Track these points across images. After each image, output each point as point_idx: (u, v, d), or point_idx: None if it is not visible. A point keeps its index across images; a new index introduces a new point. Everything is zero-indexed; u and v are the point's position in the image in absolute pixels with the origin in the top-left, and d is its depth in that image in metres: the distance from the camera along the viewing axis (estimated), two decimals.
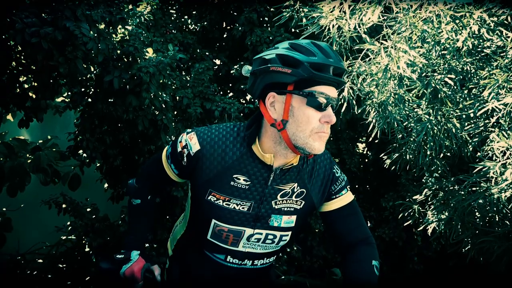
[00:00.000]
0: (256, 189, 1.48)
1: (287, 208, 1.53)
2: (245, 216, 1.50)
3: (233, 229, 1.52)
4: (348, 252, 1.58)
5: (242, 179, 1.48)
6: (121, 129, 3.18)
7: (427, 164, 2.68)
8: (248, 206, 1.49)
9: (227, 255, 1.60)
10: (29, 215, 4.82)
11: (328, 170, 1.56)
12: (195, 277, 1.75)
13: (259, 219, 1.51)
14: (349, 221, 1.60)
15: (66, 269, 4.31)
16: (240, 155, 1.47)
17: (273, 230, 1.54)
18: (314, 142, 1.37)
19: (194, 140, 1.49)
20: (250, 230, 1.53)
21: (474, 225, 2.32)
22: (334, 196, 1.57)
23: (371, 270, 1.51)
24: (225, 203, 1.49)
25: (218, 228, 1.53)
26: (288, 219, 1.54)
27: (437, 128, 2.47)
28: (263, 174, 1.47)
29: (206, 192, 1.50)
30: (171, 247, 1.91)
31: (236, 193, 1.48)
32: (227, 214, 1.50)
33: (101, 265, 1.84)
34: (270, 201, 1.50)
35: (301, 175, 1.52)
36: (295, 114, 1.36)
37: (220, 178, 1.48)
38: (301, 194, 1.53)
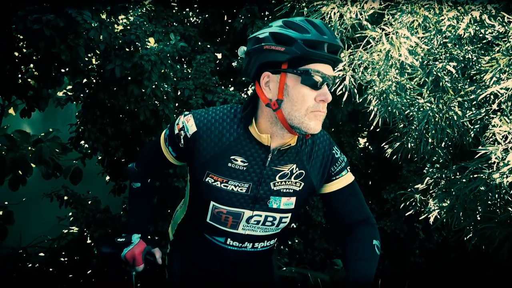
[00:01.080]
0: (254, 170, 1.49)
1: (286, 190, 1.53)
2: (243, 197, 1.51)
3: (232, 211, 1.53)
4: (349, 232, 1.59)
5: (239, 160, 1.48)
6: (122, 120, 3.18)
7: (429, 153, 2.67)
8: (246, 188, 1.49)
9: (227, 237, 1.60)
10: (31, 209, 4.82)
11: (327, 151, 1.56)
12: (196, 261, 1.76)
13: (257, 201, 1.51)
14: (350, 202, 1.60)
15: (68, 263, 4.32)
16: (237, 136, 1.47)
17: (272, 212, 1.54)
18: (310, 121, 1.36)
19: (191, 122, 1.49)
20: (249, 212, 1.53)
21: (476, 212, 2.32)
22: (334, 177, 1.57)
23: (372, 249, 1.52)
24: (223, 185, 1.49)
25: (217, 210, 1.54)
26: (287, 201, 1.54)
27: (439, 116, 2.47)
28: (260, 155, 1.47)
29: (204, 174, 1.50)
30: (172, 231, 1.91)
31: (234, 174, 1.48)
32: (225, 196, 1.50)
33: (102, 249, 1.84)
34: (269, 182, 1.50)
35: (300, 156, 1.52)
36: (290, 93, 1.35)
37: (217, 160, 1.48)
38: (300, 175, 1.53)
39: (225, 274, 1.73)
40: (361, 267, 1.45)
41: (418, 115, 2.51)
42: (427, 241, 3.78)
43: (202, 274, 1.76)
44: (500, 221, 2.11)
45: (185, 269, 1.82)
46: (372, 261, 1.49)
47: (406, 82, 2.54)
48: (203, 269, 1.75)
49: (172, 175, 3.17)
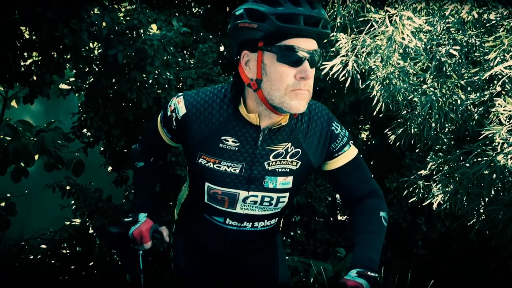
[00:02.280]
0: (246, 150, 1.47)
1: (282, 169, 1.50)
2: (237, 178, 1.49)
3: (227, 191, 1.51)
4: (356, 206, 1.57)
5: (230, 140, 1.46)
6: (125, 108, 3.18)
7: (432, 139, 2.67)
8: (240, 168, 1.47)
9: (226, 217, 1.59)
10: (33, 201, 4.83)
11: (325, 127, 1.52)
12: (198, 240, 1.75)
13: (252, 181, 1.49)
14: (355, 176, 1.57)
15: (70, 255, 4.32)
16: (227, 117, 1.45)
17: (268, 192, 1.52)
18: (291, 100, 1.31)
19: (181, 104, 1.48)
20: (244, 193, 1.51)
21: (479, 196, 2.31)
22: (336, 154, 1.53)
23: (379, 221, 1.50)
24: (215, 166, 1.48)
25: (212, 191, 1.52)
26: (284, 180, 1.51)
27: (442, 100, 2.46)
28: (252, 135, 1.45)
29: (197, 155, 1.49)
30: (176, 211, 1.91)
31: (226, 155, 1.47)
32: (218, 177, 1.49)
33: (110, 229, 1.85)
34: (262, 162, 1.48)
35: (295, 134, 1.49)
36: (268, 72, 1.30)
37: (208, 141, 1.47)
38: (296, 154, 1.50)
39: (227, 253, 1.72)
40: (369, 239, 1.44)
41: (421, 100, 2.50)
42: (430, 231, 3.76)
43: (204, 253, 1.75)
44: (504, 203, 2.09)
45: (188, 248, 1.82)
46: (379, 233, 1.48)
47: (409, 67, 2.54)
48: (205, 248, 1.74)
49: (175, 164, 3.16)
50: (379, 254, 1.44)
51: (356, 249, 1.43)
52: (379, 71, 2.59)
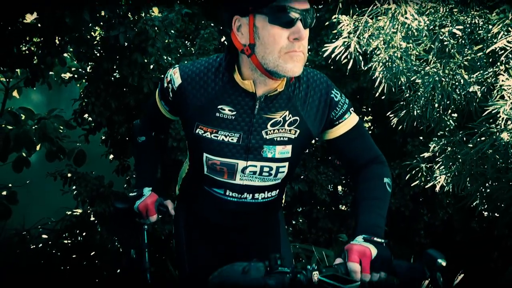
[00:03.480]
0: (243, 119, 1.45)
1: (280, 138, 1.48)
2: (235, 148, 1.47)
3: (225, 161, 1.50)
4: (359, 173, 1.55)
5: (227, 109, 1.45)
6: (126, 93, 3.18)
7: (436, 121, 2.65)
8: (237, 138, 1.46)
9: (226, 189, 1.58)
10: (34, 192, 4.83)
11: (324, 95, 1.49)
12: (199, 214, 1.74)
13: (250, 151, 1.48)
14: (357, 144, 1.55)
15: (71, 245, 4.31)
16: (222, 85, 1.44)
17: (267, 161, 1.50)
18: (286, 63, 1.29)
19: (177, 75, 1.48)
20: (243, 163, 1.50)
21: (483, 175, 2.29)
22: (337, 122, 1.51)
23: (383, 187, 1.48)
24: (213, 135, 1.47)
25: (211, 162, 1.51)
26: (282, 149, 1.50)
27: (445, 80, 2.45)
28: (248, 103, 1.44)
29: (194, 125, 1.48)
30: (177, 187, 1.91)
31: (223, 124, 1.45)
32: (216, 147, 1.47)
33: (116, 205, 1.86)
34: (260, 131, 1.46)
35: (293, 102, 1.47)
36: (261, 36, 1.28)
37: (205, 110, 1.46)
38: (295, 122, 1.48)
39: (228, 226, 1.71)
40: (373, 205, 1.42)
41: (424, 81, 2.49)
42: (433, 219, 3.74)
43: (205, 227, 1.75)
44: (508, 181, 2.08)
45: (189, 223, 1.81)
46: (384, 199, 1.46)
47: (412, 48, 2.53)
48: (206, 221, 1.74)
49: (176, 149, 3.15)
50: (384, 220, 1.42)
51: (360, 217, 1.41)
52: (381, 53, 2.58)
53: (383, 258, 1.23)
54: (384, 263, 1.23)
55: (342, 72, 3.36)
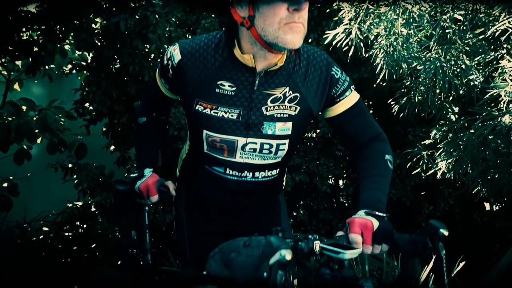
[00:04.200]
0: (243, 95, 1.44)
1: (280, 115, 1.47)
2: (235, 124, 1.46)
3: (225, 138, 1.49)
4: (360, 151, 1.54)
5: (227, 85, 1.44)
6: (127, 82, 3.18)
7: (437, 107, 2.65)
8: (237, 114, 1.45)
9: (226, 167, 1.57)
10: (36, 185, 4.83)
11: (324, 72, 1.49)
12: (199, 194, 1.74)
13: (250, 127, 1.47)
14: (358, 122, 1.55)
15: (72, 237, 4.31)
16: (222, 61, 1.43)
17: (267, 138, 1.49)
18: (286, 35, 1.28)
19: (177, 51, 1.47)
20: (243, 139, 1.49)
21: (484, 161, 2.29)
22: (338, 99, 1.50)
23: (384, 164, 1.48)
24: (213, 112, 1.46)
25: (211, 139, 1.51)
26: (283, 126, 1.49)
27: (446, 66, 2.45)
28: (248, 79, 1.43)
29: (194, 102, 1.48)
30: (178, 168, 1.90)
31: (223, 100, 1.45)
32: (216, 123, 1.47)
33: (117, 186, 1.85)
34: (260, 107, 1.45)
35: (293, 78, 1.46)
36: (260, 7, 1.27)
37: (205, 86, 1.45)
38: (295, 99, 1.47)
39: (228, 206, 1.70)
40: (375, 182, 1.42)
41: (425, 67, 2.48)
42: (434, 210, 3.73)
43: (206, 208, 1.74)
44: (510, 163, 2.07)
45: (189, 204, 1.81)
46: (385, 176, 1.46)
47: (414, 34, 2.52)
48: (206, 202, 1.73)
49: (177, 138, 3.15)
50: (386, 196, 1.42)
51: (362, 193, 1.40)
52: (382, 39, 2.58)
53: (384, 231, 1.23)
54: (386, 235, 1.23)
55: (342, 62, 3.36)
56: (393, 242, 1.23)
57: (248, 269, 0.86)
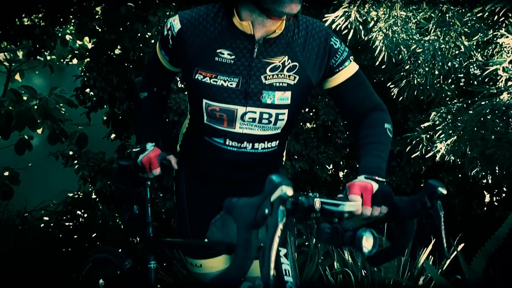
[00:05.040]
0: (242, 63, 1.46)
1: (279, 84, 1.49)
2: (234, 93, 1.48)
3: (224, 107, 1.51)
4: (360, 121, 1.56)
5: (226, 53, 1.46)
6: (127, 68, 3.20)
7: (436, 90, 2.66)
8: (236, 82, 1.47)
9: (226, 137, 1.58)
10: (37, 175, 4.85)
11: (323, 42, 1.50)
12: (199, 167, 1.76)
13: (249, 96, 1.49)
14: (357, 92, 1.57)
15: (73, 227, 4.33)
16: (221, 29, 1.45)
17: (267, 108, 1.51)
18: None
19: (176, 21, 1.50)
20: (242, 109, 1.50)
21: (483, 140, 2.30)
22: (337, 69, 1.52)
23: (383, 132, 1.50)
24: (212, 80, 1.48)
25: (210, 108, 1.52)
26: (282, 96, 1.50)
27: (445, 47, 2.46)
28: (247, 46, 1.45)
29: (193, 71, 1.50)
30: (178, 143, 1.92)
31: (222, 68, 1.47)
32: (215, 92, 1.49)
33: (119, 162, 1.88)
34: (259, 76, 1.47)
35: (292, 47, 1.48)
36: None
37: (204, 55, 1.47)
38: (294, 68, 1.49)
39: (228, 179, 1.71)
40: (374, 149, 1.44)
41: (424, 49, 2.49)
42: None
43: (206, 181, 1.76)
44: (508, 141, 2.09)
45: (190, 178, 1.83)
46: (385, 143, 1.47)
47: (413, 16, 2.54)
48: (206, 175, 1.74)
49: (177, 123, 3.17)
50: (385, 163, 1.44)
51: (362, 160, 1.42)
52: (381, 22, 2.59)
53: (384, 193, 1.25)
54: (385, 197, 1.24)
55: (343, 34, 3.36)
56: (393, 204, 1.25)
57: (249, 210, 0.88)
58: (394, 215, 1.24)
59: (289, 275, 1.21)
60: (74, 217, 4.31)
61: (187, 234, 1.78)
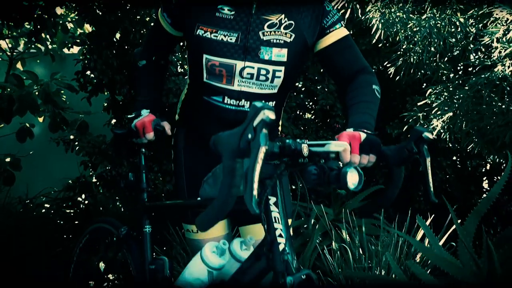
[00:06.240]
0: (241, 18, 1.54)
1: (276, 40, 1.56)
2: (234, 47, 1.55)
3: (224, 62, 1.57)
4: (348, 84, 1.60)
5: (226, 9, 1.54)
6: (128, 51, 3.23)
7: (433, 69, 2.68)
8: (236, 37, 1.54)
9: (224, 95, 1.64)
10: (38, 164, 4.89)
11: (317, 3, 1.60)
12: (197, 131, 1.78)
13: (248, 51, 1.55)
14: (346, 54, 1.64)
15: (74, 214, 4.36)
16: None
17: (264, 63, 1.57)
18: None
19: None
20: (241, 63, 1.56)
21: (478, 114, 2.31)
22: (328, 30, 1.60)
23: (371, 92, 1.54)
24: (212, 35, 1.55)
25: (210, 63, 1.58)
26: (278, 52, 1.57)
27: (441, 24, 2.48)
28: (246, 2, 1.53)
29: (195, 27, 1.57)
30: (177, 111, 1.95)
31: (222, 24, 1.54)
32: (216, 46, 1.55)
33: (114, 131, 1.90)
34: (258, 31, 1.55)
35: (289, 6, 1.56)
36: None
37: (206, 10, 1.56)
38: (290, 26, 1.57)
39: None
40: (362, 107, 1.48)
41: (420, 26, 2.51)
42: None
43: (203, 142, 1.78)
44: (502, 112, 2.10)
45: (188, 145, 1.86)
46: (373, 102, 1.51)
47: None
48: (204, 136, 1.77)
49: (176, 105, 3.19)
50: (374, 120, 1.46)
51: (350, 118, 1.45)
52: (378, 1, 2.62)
53: (372, 142, 1.27)
54: (373, 146, 1.26)
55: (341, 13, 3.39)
56: (381, 153, 1.27)
57: (233, 139, 0.90)
58: (382, 162, 1.26)
59: (278, 222, 1.23)
60: (75, 204, 4.34)
61: (184, 195, 1.81)
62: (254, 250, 1.30)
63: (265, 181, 1.25)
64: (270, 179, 1.24)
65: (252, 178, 0.84)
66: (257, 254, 1.27)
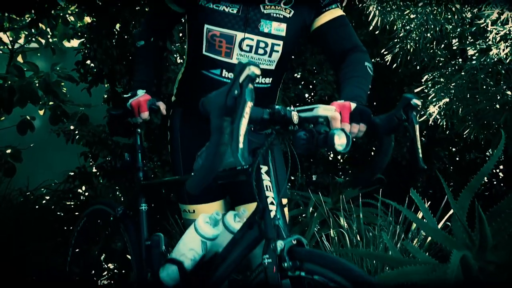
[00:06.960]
0: None
1: (276, 14, 1.62)
2: (235, 18, 1.60)
3: (224, 32, 1.61)
4: (342, 61, 1.62)
5: None
6: (127, 41, 3.25)
7: (429, 55, 2.69)
8: (237, 9, 1.60)
9: (222, 69, 1.67)
10: (39, 156, 4.91)
11: None
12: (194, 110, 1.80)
13: (248, 23, 1.60)
14: (341, 31, 1.68)
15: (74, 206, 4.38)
16: None
17: (263, 36, 1.62)
18: None
19: None
20: (241, 34, 1.61)
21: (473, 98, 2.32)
22: (324, 9, 1.65)
23: (363, 68, 1.56)
24: (215, 5, 1.60)
25: (211, 34, 1.62)
26: (278, 26, 1.62)
27: (437, 11, 2.49)
28: None
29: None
30: (174, 91, 1.97)
31: None
32: (217, 17, 1.60)
33: (111, 112, 1.92)
34: (259, 4, 1.60)
35: None
36: None
37: None
38: (290, 2, 1.63)
39: None
40: (355, 81, 1.50)
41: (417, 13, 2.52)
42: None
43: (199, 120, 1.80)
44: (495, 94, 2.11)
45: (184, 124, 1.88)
46: (365, 77, 1.54)
47: None
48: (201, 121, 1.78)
49: None
50: (365, 94, 1.48)
51: (342, 92, 1.47)
52: None
53: (362, 111, 1.28)
54: (363, 115, 1.28)
55: None
56: (371, 122, 1.28)
57: (220, 97, 0.91)
58: (372, 130, 1.27)
59: (270, 190, 1.24)
60: (75, 196, 4.36)
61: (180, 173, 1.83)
62: (247, 219, 1.32)
63: (256, 150, 1.27)
64: (261, 148, 1.25)
65: (238, 131, 0.85)
66: (250, 223, 1.29)
